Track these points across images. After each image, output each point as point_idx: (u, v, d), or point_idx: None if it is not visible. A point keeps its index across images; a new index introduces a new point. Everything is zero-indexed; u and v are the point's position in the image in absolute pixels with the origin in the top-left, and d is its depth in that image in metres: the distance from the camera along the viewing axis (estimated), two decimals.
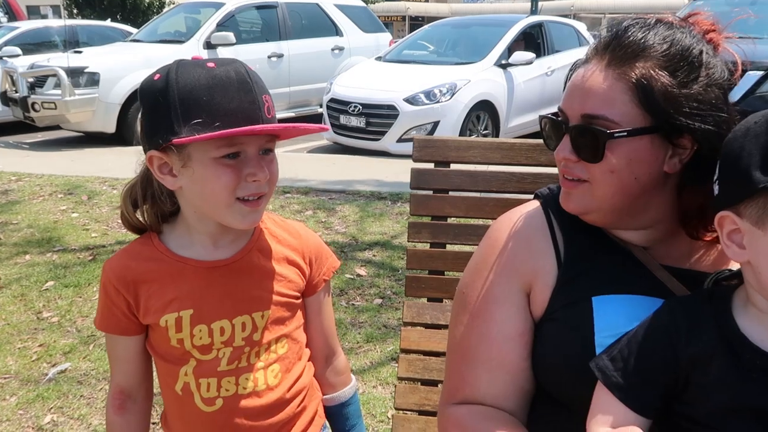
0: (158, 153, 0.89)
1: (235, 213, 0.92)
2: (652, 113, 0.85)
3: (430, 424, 1.36)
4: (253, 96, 0.88)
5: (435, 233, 1.49)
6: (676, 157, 0.88)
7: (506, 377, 0.96)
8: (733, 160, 0.73)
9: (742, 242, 0.73)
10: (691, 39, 0.88)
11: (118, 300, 0.97)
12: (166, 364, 1.00)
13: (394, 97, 6.19)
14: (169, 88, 0.86)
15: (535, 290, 0.97)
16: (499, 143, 1.49)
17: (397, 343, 2.58)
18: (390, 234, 3.81)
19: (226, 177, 0.88)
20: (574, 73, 0.93)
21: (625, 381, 0.78)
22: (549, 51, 7.49)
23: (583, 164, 0.91)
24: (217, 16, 7.49)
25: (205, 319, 0.97)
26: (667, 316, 0.79)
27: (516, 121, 6.90)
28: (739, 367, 0.73)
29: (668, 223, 0.94)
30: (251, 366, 1.00)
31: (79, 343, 2.61)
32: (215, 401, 0.98)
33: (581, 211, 0.94)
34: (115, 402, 1.03)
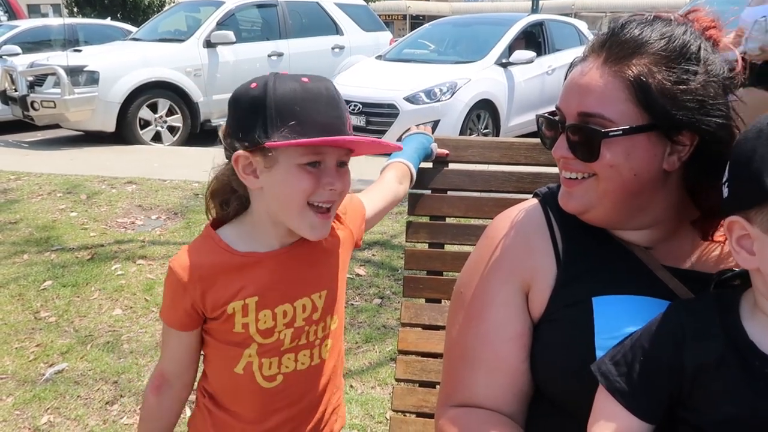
0: (246, 153, 0.96)
1: (305, 221, 0.98)
2: (649, 111, 0.84)
3: (428, 426, 1.35)
4: (340, 112, 0.96)
5: (433, 233, 1.48)
6: (674, 155, 0.87)
7: (504, 379, 0.95)
8: (744, 163, 0.70)
9: (752, 248, 0.71)
10: (690, 35, 0.87)
11: (184, 298, 1.02)
12: (226, 347, 1.05)
13: (395, 96, 6.17)
14: (267, 95, 0.94)
15: (533, 290, 0.96)
16: (498, 142, 1.48)
17: (396, 344, 2.57)
18: (389, 234, 3.79)
19: (307, 182, 0.95)
20: (571, 71, 0.93)
21: (629, 386, 0.76)
22: (550, 50, 7.47)
23: (582, 162, 0.90)
24: (217, 15, 7.47)
25: (270, 305, 1.03)
26: (672, 320, 0.77)
27: (516, 120, 6.88)
28: (747, 375, 0.71)
29: (669, 223, 0.93)
30: (310, 343, 1.07)
31: (76, 343, 2.60)
32: (276, 377, 1.06)
33: (582, 208, 0.92)
34: (155, 383, 1.09)
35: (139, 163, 5.46)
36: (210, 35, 7.27)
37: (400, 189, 1.33)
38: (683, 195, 0.92)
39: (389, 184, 1.31)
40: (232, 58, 7.36)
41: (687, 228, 0.94)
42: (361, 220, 1.19)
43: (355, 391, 2.28)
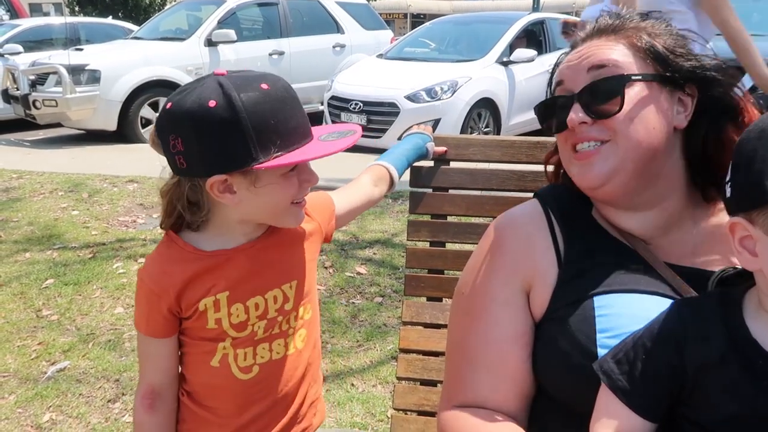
0: (223, 177, 0.92)
1: (290, 215, 1.01)
2: (655, 62, 0.90)
3: (429, 424, 1.35)
4: (303, 110, 0.96)
5: (434, 232, 1.48)
6: (681, 114, 0.92)
7: (506, 379, 0.95)
8: (746, 163, 0.70)
9: (754, 249, 0.71)
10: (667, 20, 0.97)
11: (160, 306, 1.01)
12: (201, 343, 1.04)
13: (396, 95, 6.17)
14: (239, 116, 0.88)
15: (535, 290, 0.96)
16: (499, 141, 1.47)
17: (397, 342, 2.57)
18: (390, 232, 3.79)
19: (293, 189, 0.97)
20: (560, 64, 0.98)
21: (631, 385, 0.76)
22: (551, 48, 7.46)
23: (600, 124, 0.90)
24: (218, 14, 7.47)
25: (241, 299, 1.02)
26: (675, 318, 0.77)
27: (517, 118, 6.88)
28: (750, 374, 0.70)
29: (672, 203, 0.93)
30: (283, 332, 1.08)
31: (78, 341, 2.61)
32: (252, 368, 1.05)
33: (605, 176, 0.90)
34: (146, 402, 1.05)
35: (141, 162, 5.46)
36: (211, 34, 7.27)
37: (375, 192, 1.32)
38: (685, 174, 0.95)
39: (363, 187, 1.31)
40: (234, 56, 7.36)
41: (688, 222, 0.94)
42: (330, 216, 1.20)
43: (357, 389, 2.28)
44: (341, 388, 2.28)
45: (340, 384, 2.31)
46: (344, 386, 2.29)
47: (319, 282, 3.13)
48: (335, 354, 2.50)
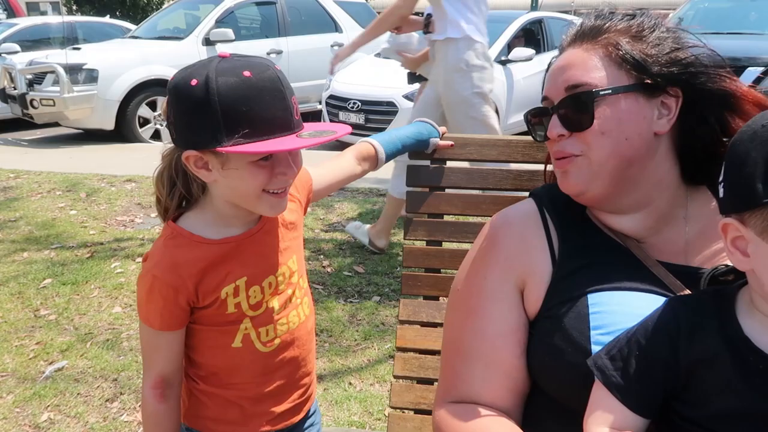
0: (196, 152, 0.95)
1: (264, 203, 1.00)
2: (632, 70, 0.90)
3: (425, 422, 1.35)
4: (286, 103, 0.94)
5: (431, 231, 1.48)
6: (663, 118, 0.91)
7: (500, 375, 0.95)
8: (738, 165, 0.71)
9: (746, 250, 0.71)
10: (651, 18, 0.95)
11: (177, 299, 1.01)
12: (220, 328, 1.07)
13: (394, 94, 6.18)
14: (210, 98, 0.90)
15: (529, 287, 0.96)
16: (496, 140, 1.48)
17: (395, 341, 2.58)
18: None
19: (262, 177, 0.96)
20: (550, 67, 0.99)
21: (624, 381, 0.77)
22: (549, 47, 7.47)
23: (576, 137, 0.92)
24: (216, 13, 7.47)
25: (257, 281, 1.07)
26: (669, 315, 0.78)
27: (515, 117, 6.88)
28: (742, 371, 0.71)
29: (661, 205, 0.94)
30: (294, 304, 1.14)
31: (76, 341, 2.61)
32: (274, 342, 1.11)
33: (581, 187, 0.93)
34: (157, 391, 1.07)
35: (139, 161, 5.46)
36: (209, 33, 7.27)
37: (357, 168, 1.35)
38: (672, 174, 0.94)
39: (345, 162, 1.34)
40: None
41: (679, 221, 0.95)
42: (308, 190, 1.24)
43: (354, 388, 2.29)
44: (339, 387, 2.29)
45: (338, 383, 2.31)
46: (342, 385, 2.30)
47: (318, 281, 3.14)
48: (333, 353, 2.51)
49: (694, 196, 0.96)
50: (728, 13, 6.76)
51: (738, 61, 5.41)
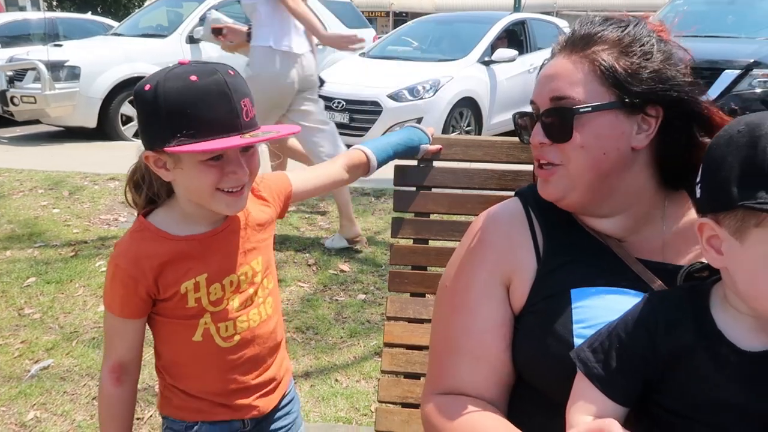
0: (153, 153, 1.01)
1: (219, 202, 1.05)
2: (613, 87, 0.92)
3: (413, 416, 1.39)
4: (231, 105, 0.98)
5: (418, 229, 1.52)
6: (642, 133, 0.94)
7: (487, 368, 0.99)
8: (714, 168, 0.75)
9: (720, 248, 0.75)
10: (642, 28, 0.97)
11: (137, 289, 1.07)
12: (181, 321, 1.12)
13: (378, 93, 6.21)
14: (158, 101, 0.97)
15: (514, 283, 1.00)
16: (481, 141, 1.52)
17: (380, 338, 2.61)
18: (373, 230, 3.83)
19: (211, 176, 1.01)
20: (542, 69, 1.01)
21: (605, 372, 0.81)
22: (531, 48, 7.55)
23: (556, 147, 0.96)
24: (200, 11, 7.42)
25: (217, 279, 1.11)
26: (647, 310, 0.82)
27: (498, 117, 6.95)
28: (716, 363, 0.75)
29: (638, 209, 0.98)
30: (256, 303, 1.18)
31: (61, 339, 2.60)
32: (234, 338, 1.15)
33: (559, 195, 0.98)
34: (113, 375, 1.13)
35: (122, 160, 5.38)
36: (193, 31, 7.23)
37: (345, 175, 1.40)
38: (651, 182, 0.98)
39: (332, 169, 1.39)
40: (216, 53, 7.29)
41: (658, 222, 0.99)
42: (286, 195, 1.28)
43: (341, 384, 2.32)
44: (326, 384, 2.31)
45: (325, 380, 2.34)
46: (329, 382, 2.33)
47: (303, 280, 3.16)
48: (319, 350, 2.53)
49: (672, 198, 1.01)
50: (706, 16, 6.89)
51: (715, 63, 5.53)
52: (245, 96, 1.01)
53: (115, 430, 1.16)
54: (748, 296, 0.73)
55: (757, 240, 0.70)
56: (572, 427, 0.81)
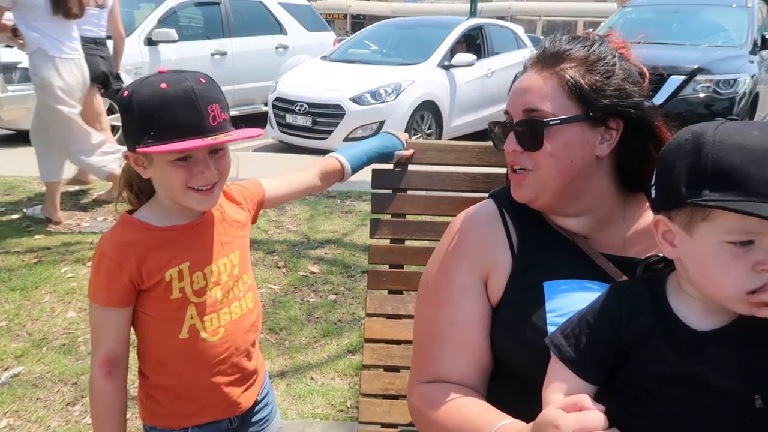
0: (131, 153, 1.12)
1: (191, 199, 1.14)
2: (580, 102, 1.03)
3: (394, 406, 1.47)
4: (197, 110, 1.07)
5: (395, 230, 1.60)
6: (605, 143, 1.05)
7: (468, 356, 1.08)
8: (666, 171, 0.85)
9: (673, 241, 0.86)
10: (605, 47, 1.08)
11: (121, 276, 1.13)
12: (166, 316, 1.18)
13: (341, 97, 6.27)
14: (132, 106, 1.08)
15: (492, 278, 1.10)
16: (453, 146, 1.61)
17: (353, 337, 2.68)
18: (341, 232, 3.89)
19: (179, 176, 1.11)
20: (516, 81, 1.11)
21: (576, 355, 0.90)
22: (489, 53, 7.75)
23: (528, 154, 1.06)
24: (158, 12, 7.32)
25: (199, 267, 1.19)
26: (611, 299, 0.92)
27: (458, 121, 7.11)
28: (672, 342, 0.86)
29: (602, 210, 1.09)
30: (236, 296, 1.26)
31: (31, 346, 2.57)
32: (218, 331, 1.22)
33: (530, 197, 1.08)
34: (104, 370, 1.17)
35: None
36: (151, 33, 7.13)
37: (318, 182, 1.49)
38: (613, 186, 1.09)
39: (306, 176, 1.48)
40: (175, 56, 7.24)
41: (619, 221, 1.10)
42: (259, 200, 1.37)
43: (316, 382, 2.38)
44: (301, 382, 2.37)
45: (300, 378, 2.39)
46: (304, 380, 2.38)
47: (273, 281, 3.20)
48: (293, 350, 2.58)
49: (630, 200, 1.12)
50: (653, 24, 7.22)
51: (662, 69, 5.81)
52: (213, 102, 1.10)
53: (110, 425, 1.19)
54: (699, 282, 0.84)
55: (705, 232, 0.81)
56: (548, 404, 0.90)
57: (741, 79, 5.90)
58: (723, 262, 0.79)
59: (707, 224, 0.81)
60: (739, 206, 0.75)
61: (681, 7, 7.49)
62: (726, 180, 0.77)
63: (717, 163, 0.79)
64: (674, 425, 0.85)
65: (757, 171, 0.76)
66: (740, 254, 0.79)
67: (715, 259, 0.80)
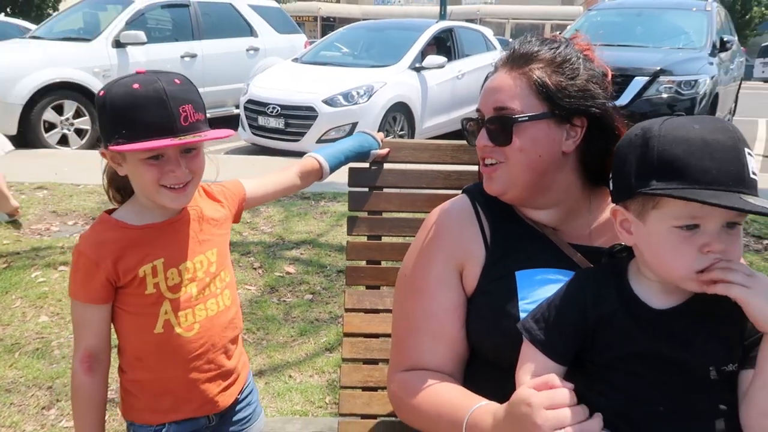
0: (106, 150, 1.16)
1: (163, 197, 1.16)
2: (546, 101, 1.09)
3: (373, 397, 1.51)
4: (168, 111, 1.10)
5: (372, 227, 1.64)
6: (570, 139, 1.11)
7: (445, 344, 1.13)
8: (620, 164, 0.93)
9: (630, 229, 0.93)
10: (571, 49, 1.14)
11: (98, 273, 1.16)
12: (141, 311, 1.20)
13: (313, 99, 6.29)
14: (105, 105, 1.11)
15: (466, 270, 1.15)
16: (427, 144, 1.66)
17: (330, 335, 2.72)
18: (316, 232, 3.92)
19: (150, 174, 1.14)
20: (487, 80, 1.16)
21: (546, 338, 0.96)
22: (459, 55, 7.86)
23: (499, 149, 1.12)
24: (126, 14, 7.25)
25: (174, 263, 1.22)
26: (578, 285, 0.99)
27: (430, 122, 7.19)
28: (634, 321, 0.92)
29: (569, 203, 1.15)
30: (213, 293, 1.28)
31: (2, 351, 2.54)
32: (193, 326, 1.24)
33: (501, 190, 1.14)
34: (84, 365, 1.20)
35: (48, 168, 5.23)
36: (119, 35, 7.05)
37: (297, 181, 1.52)
38: (578, 180, 1.15)
39: (285, 176, 1.51)
40: (144, 58, 7.17)
41: (585, 213, 1.17)
42: (239, 200, 1.40)
43: (294, 380, 2.40)
44: (280, 380, 2.39)
45: (279, 376, 2.42)
46: (282, 378, 2.41)
47: (250, 282, 3.21)
48: (271, 349, 2.60)
49: (595, 193, 1.18)
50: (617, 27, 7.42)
51: (626, 71, 5.99)
52: (186, 102, 1.12)
53: (90, 419, 1.22)
54: (653, 265, 0.91)
55: (655, 219, 0.88)
56: (521, 384, 0.95)
57: (701, 80, 6.12)
58: (673, 245, 0.86)
59: (657, 212, 0.88)
60: (681, 193, 0.82)
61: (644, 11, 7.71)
62: (670, 170, 0.85)
63: (662, 155, 0.86)
64: (636, 399, 0.91)
65: (697, 161, 0.83)
66: (687, 238, 0.86)
67: (666, 244, 0.87)
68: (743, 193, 0.82)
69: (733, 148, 0.84)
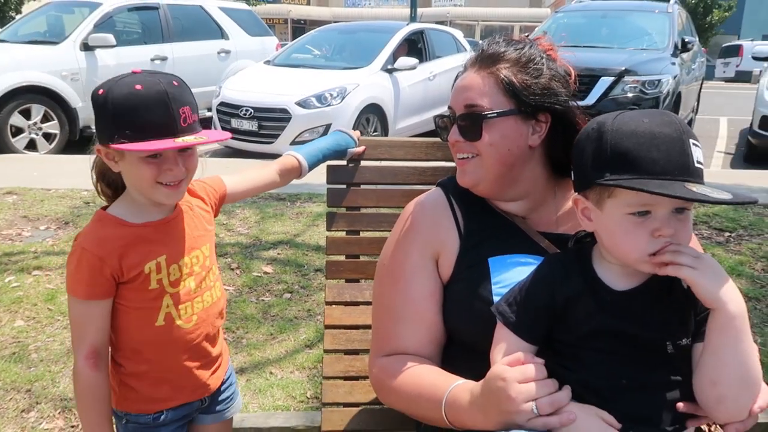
0: (103, 147, 1.18)
1: (158, 193, 1.20)
2: (513, 98, 1.16)
3: (355, 387, 1.56)
4: (170, 112, 1.14)
5: (350, 222, 1.70)
6: (536, 134, 1.19)
7: (423, 329, 1.19)
8: (578, 156, 1.01)
9: (590, 216, 1.01)
10: (535, 50, 1.21)
11: (103, 269, 1.18)
12: (142, 309, 1.25)
13: (286, 101, 6.31)
14: (106, 104, 1.13)
15: (442, 258, 1.21)
16: (403, 142, 1.73)
17: (310, 332, 2.76)
18: (292, 233, 3.95)
19: (149, 172, 1.17)
20: (457, 79, 1.24)
21: (517, 319, 1.03)
22: (430, 57, 7.95)
23: (470, 144, 1.19)
24: (94, 17, 7.16)
25: (175, 259, 1.27)
26: (546, 269, 1.06)
27: (403, 123, 7.27)
28: (597, 302, 1.00)
29: (536, 194, 1.23)
30: (208, 286, 1.34)
31: None
32: (192, 318, 1.30)
33: (473, 182, 1.20)
34: (90, 361, 1.22)
35: (16, 173, 5.15)
36: (87, 38, 6.97)
37: (277, 178, 1.57)
38: (544, 173, 1.23)
39: (265, 173, 1.56)
40: (113, 62, 7.09)
41: (551, 203, 1.24)
42: (220, 196, 1.45)
43: (275, 377, 2.44)
44: (261, 377, 2.42)
45: (260, 373, 2.45)
46: (263, 375, 2.44)
47: (228, 282, 3.23)
48: (251, 347, 2.63)
49: (560, 185, 1.26)
50: (584, 29, 7.60)
51: (593, 71, 6.15)
52: (185, 104, 1.16)
53: (98, 415, 1.25)
54: (611, 249, 0.99)
55: (611, 207, 0.96)
56: (495, 363, 1.02)
57: (664, 80, 6.31)
58: (627, 230, 0.94)
59: (612, 200, 0.95)
60: (631, 184, 0.90)
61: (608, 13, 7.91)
62: (622, 162, 0.92)
63: (615, 148, 0.93)
64: (601, 373, 0.98)
65: (646, 153, 0.91)
66: (640, 223, 0.93)
67: (621, 229, 0.95)
68: (688, 182, 0.90)
69: (678, 139, 0.92)
